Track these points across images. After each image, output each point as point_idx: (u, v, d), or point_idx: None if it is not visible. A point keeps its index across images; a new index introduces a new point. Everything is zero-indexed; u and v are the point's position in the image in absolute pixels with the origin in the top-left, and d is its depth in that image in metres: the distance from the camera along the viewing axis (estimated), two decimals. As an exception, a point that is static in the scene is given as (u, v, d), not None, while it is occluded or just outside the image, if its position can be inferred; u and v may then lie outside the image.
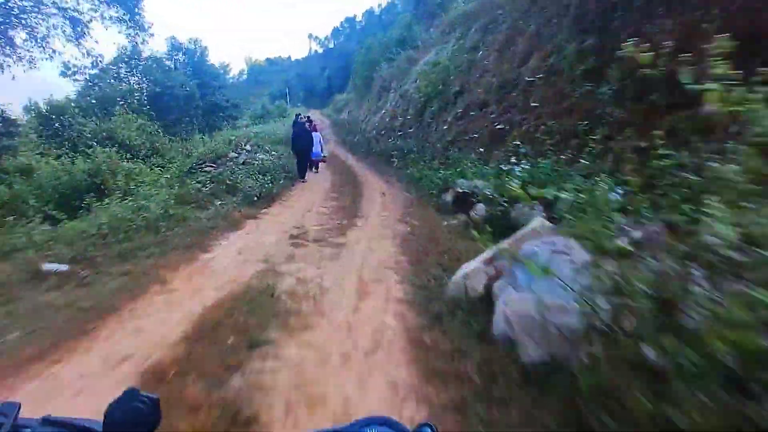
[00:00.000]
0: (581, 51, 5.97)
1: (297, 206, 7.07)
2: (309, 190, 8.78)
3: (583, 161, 4.90)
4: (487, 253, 2.97)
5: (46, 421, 0.51)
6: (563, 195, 3.60)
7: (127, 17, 12.94)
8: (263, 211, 6.60)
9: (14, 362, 2.31)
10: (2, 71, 10.91)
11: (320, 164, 11.12)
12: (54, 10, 11.09)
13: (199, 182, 7.41)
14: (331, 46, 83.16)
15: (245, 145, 10.93)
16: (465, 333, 2.53)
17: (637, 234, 1.89)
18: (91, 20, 12.17)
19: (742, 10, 3.80)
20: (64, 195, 7.37)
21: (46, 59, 11.64)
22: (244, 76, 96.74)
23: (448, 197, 6.53)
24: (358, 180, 10.00)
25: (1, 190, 7.32)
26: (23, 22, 10.96)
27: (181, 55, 30.91)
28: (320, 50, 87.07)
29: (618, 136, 4.63)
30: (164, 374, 2.19)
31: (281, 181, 8.71)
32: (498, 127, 7.66)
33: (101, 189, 7.38)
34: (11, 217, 5.74)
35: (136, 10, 13.14)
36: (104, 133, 12.14)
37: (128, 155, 10.56)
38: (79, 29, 12.02)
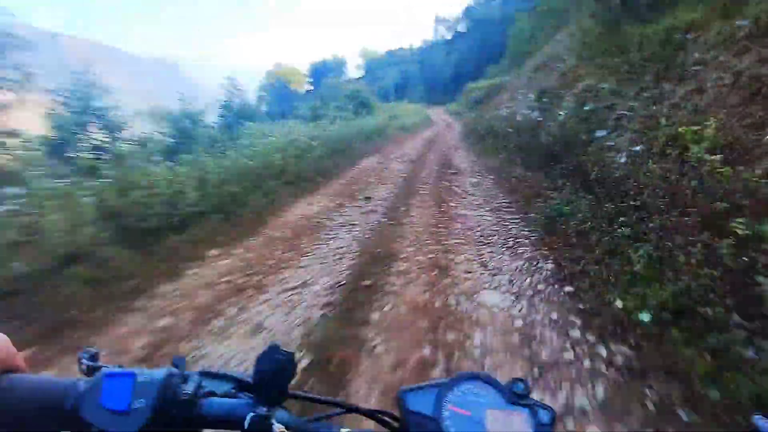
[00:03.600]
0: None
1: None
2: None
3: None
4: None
5: (205, 374, 0.58)
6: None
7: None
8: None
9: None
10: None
11: None
12: None
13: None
14: (462, 29, 75.13)
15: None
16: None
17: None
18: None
19: None
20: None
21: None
22: (361, 71, 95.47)
23: None
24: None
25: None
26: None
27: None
28: (449, 36, 79.95)
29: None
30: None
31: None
32: None
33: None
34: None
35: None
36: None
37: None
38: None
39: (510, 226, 4.66)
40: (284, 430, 0.51)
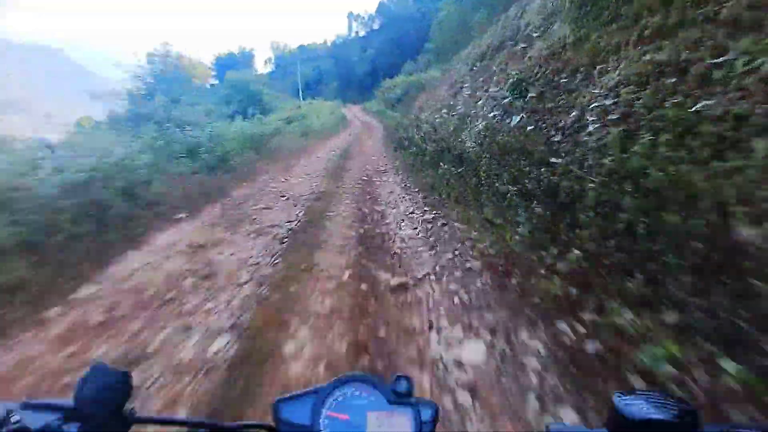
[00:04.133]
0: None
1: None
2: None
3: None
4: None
5: (26, 405, 0.55)
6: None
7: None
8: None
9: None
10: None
11: None
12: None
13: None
14: (376, 26, 73.32)
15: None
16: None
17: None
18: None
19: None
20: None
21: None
22: (270, 67, 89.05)
23: None
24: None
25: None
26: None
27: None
28: (362, 32, 77.62)
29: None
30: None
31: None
32: None
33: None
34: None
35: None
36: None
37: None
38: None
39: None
40: None
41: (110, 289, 3.04)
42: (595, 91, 3.17)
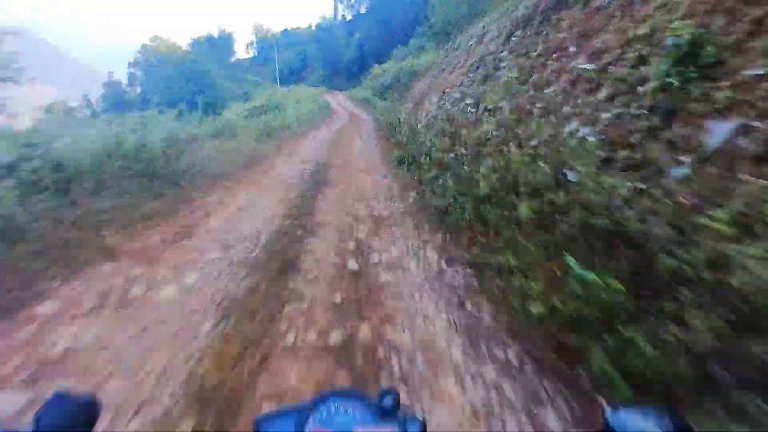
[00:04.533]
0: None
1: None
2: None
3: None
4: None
5: None
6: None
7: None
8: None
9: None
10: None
11: None
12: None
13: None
14: (363, 10, 69.74)
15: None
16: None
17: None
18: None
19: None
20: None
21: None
22: (251, 52, 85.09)
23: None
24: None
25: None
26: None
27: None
28: (349, 16, 74.11)
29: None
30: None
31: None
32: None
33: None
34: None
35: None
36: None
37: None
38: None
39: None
40: None
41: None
42: None
